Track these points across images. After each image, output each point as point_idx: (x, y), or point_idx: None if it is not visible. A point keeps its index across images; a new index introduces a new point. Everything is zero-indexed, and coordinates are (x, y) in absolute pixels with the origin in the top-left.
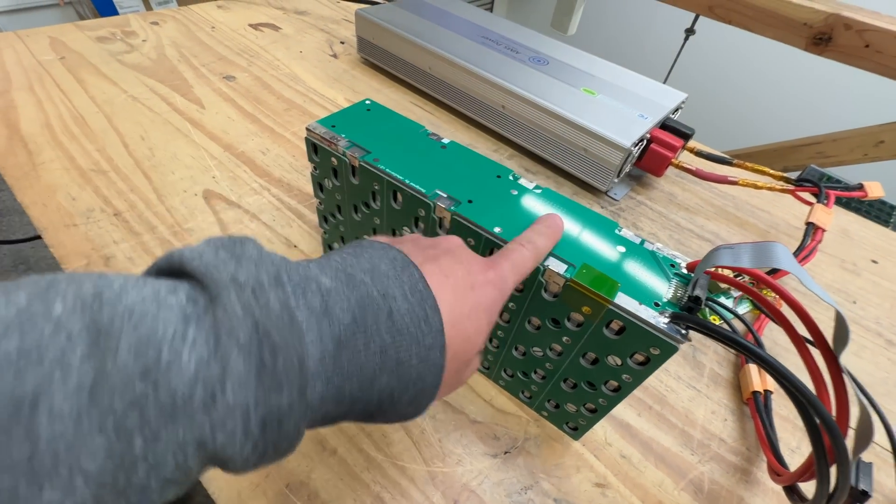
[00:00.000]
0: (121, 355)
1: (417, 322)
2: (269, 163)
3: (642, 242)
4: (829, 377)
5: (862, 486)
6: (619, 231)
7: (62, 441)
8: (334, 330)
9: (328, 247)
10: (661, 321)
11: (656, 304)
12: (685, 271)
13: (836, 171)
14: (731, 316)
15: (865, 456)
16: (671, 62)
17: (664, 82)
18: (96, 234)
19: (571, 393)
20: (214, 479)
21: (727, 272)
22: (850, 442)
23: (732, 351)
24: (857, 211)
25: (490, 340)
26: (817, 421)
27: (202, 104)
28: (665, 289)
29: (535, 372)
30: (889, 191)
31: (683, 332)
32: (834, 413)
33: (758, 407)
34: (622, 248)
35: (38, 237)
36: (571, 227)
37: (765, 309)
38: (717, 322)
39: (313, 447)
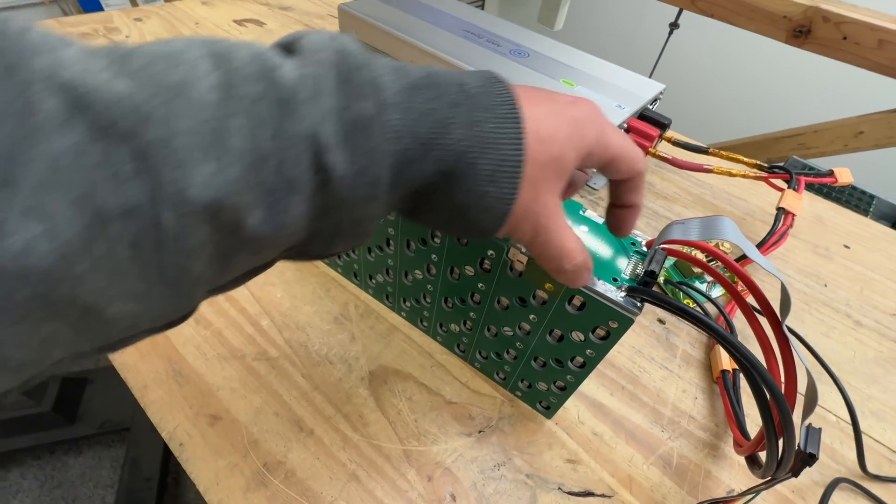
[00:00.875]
0: (240, 63)
1: (489, 96)
2: None
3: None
4: (777, 346)
5: (809, 450)
6: (584, 212)
7: (212, 123)
8: (406, 80)
9: None
10: (619, 295)
11: (614, 280)
12: (645, 249)
13: (817, 162)
14: (704, 299)
15: (834, 433)
16: (657, 57)
17: (650, 76)
18: None
19: (541, 371)
20: (193, 461)
21: (701, 257)
22: (801, 410)
23: (704, 332)
24: (838, 200)
25: (463, 323)
26: (763, 388)
27: None
28: (624, 265)
29: (507, 352)
30: (869, 180)
31: (639, 304)
32: (783, 381)
33: (726, 385)
34: (584, 228)
35: None
36: None
37: (721, 283)
38: (691, 305)
39: (291, 427)
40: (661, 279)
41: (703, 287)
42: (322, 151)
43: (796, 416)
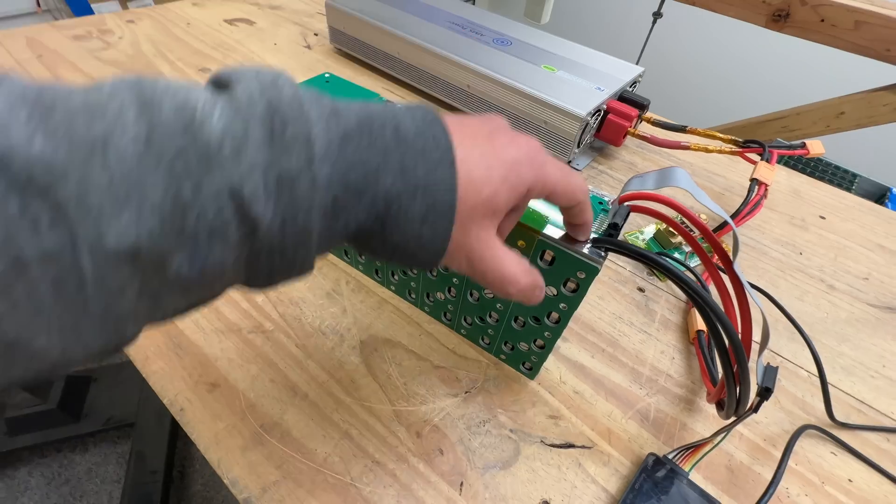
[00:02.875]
0: (165, 114)
1: (424, 139)
2: None
3: None
4: (733, 290)
5: (766, 384)
6: None
7: (131, 176)
8: (340, 127)
9: None
10: (585, 247)
11: None
12: (611, 206)
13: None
14: (683, 269)
15: (805, 387)
16: (641, 46)
17: (636, 64)
18: None
19: (521, 331)
20: (194, 424)
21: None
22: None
23: (682, 298)
24: (822, 179)
25: (448, 290)
26: (718, 326)
27: None
28: None
29: (490, 315)
30: (850, 159)
31: (602, 253)
32: (740, 324)
33: (701, 344)
34: None
35: None
36: None
37: (689, 242)
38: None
39: (286, 392)
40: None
41: (681, 258)
42: (246, 205)
43: (754, 356)
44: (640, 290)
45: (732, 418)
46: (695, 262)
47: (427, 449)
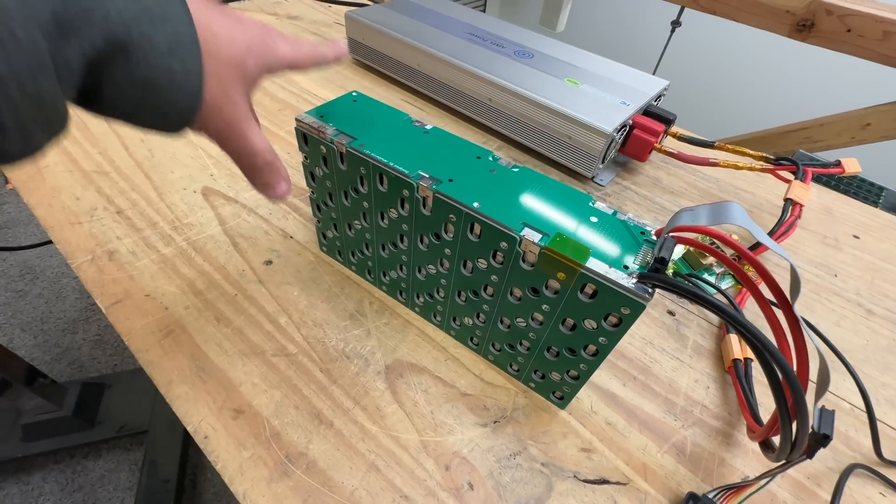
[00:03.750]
0: None
1: None
2: None
3: (615, 213)
4: (789, 330)
5: (823, 431)
6: (593, 203)
7: None
8: None
9: (322, 235)
10: (630, 281)
11: (625, 267)
12: (654, 237)
13: (824, 156)
14: (714, 290)
15: (849, 421)
16: (659, 55)
17: (653, 74)
18: (100, 231)
19: (554, 361)
20: (218, 453)
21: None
22: (813, 395)
23: (714, 323)
24: (846, 192)
25: (477, 315)
26: (777, 371)
27: None
28: (634, 253)
29: (521, 343)
30: (876, 172)
31: (650, 290)
32: (794, 364)
33: (738, 374)
34: (595, 219)
35: (41, 244)
36: (548, 200)
37: (731, 271)
38: None
39: (311, 419)
40: (669, 271)
41: (712, 279)
42: None
43: (809, 398)
44: (671, 313)
45: (782, 461)
46: (726, 284)
47: (457, 483)
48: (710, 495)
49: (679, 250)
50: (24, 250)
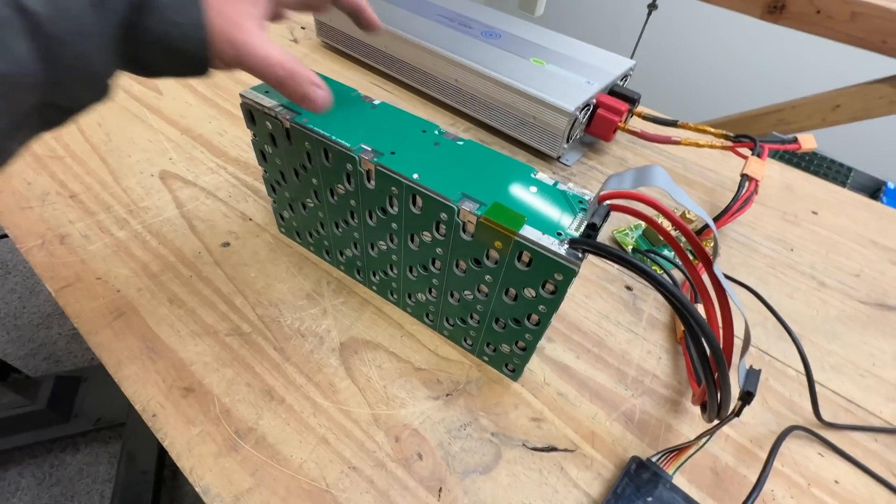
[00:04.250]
0: None
1: None
2: (226, 143)
3: (556, 184)
4: (713, 289)
5: (747, 388)
6: (535, 175)
7: None
8: None
9: (279, 216)
10: (561, 248)
11: (559, 234)
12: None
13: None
14: (671, 266)
15: (793, 386)
16: (637, 38)
17: (631, 57)
18: (51, 215)
19: (502, 333)
20: (166, 430)
21: (667, 226)
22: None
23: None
24: (816, 173)
25: (429, 291)
26: (697, 331)
27: (159, 90)
28: (570, 221)
29: (471, 317)
30: (845, 153)
31: (580, 255)
32: (721, 326)
33: (688, 344)
34: (534, 189)
35: (3, 236)
36: (490, 172)
37: (672, 246)
38: (659, 272)
39: (262, 396)
40: (629, 248)
41: (670, 255)
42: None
43: (736, 358)
44: (628, 288)
45: (715, 422)
46: None
47: (406, 454)
48: (654, 459)
49: (640, 227)
50: None
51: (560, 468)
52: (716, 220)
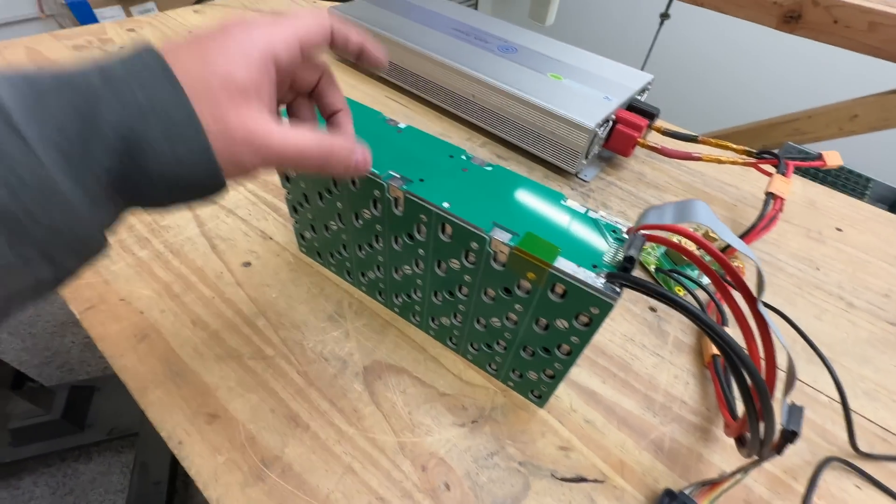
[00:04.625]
0: None
1: (133, 66)
2: None
3: (587, 212)
4: (756, 325)
5: (791, 427)
6: (565, 202)
7: None
8: (33, 88)
9: (300, 236)
10: (598, 281)
11: (594, 266)
12: (625, 235)
13: (813, 147)
14: (695, 286)
15: (826, 413)
16: (648, 48)
17: (642, 68)
18: None
19: (531, 360)
20: (192, 458)
21: (691, 247)
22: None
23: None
24: (834, 185)
25: (454, 315)
26: (740, 367)
27: None
28: (604, 252)
29: (497, 343)
30: (863, 164)
31: (618, 290)
32: (763, 360)
33: (716, 369)
34: (566, 217)
35: None
36: (519, 199)
37: (702, 270)
38: (682, 293)
39: (287, 423)
40: (651, 268)
41: (694, 274)
42: None
43: (778, 393)
44: (652, 309)
45: (754, 458)
46: (707, 280)
47: (433, 484)
48: (687, 491)
49: (662, 247)
50: None
51: (590, 499)
52: (740, 238)
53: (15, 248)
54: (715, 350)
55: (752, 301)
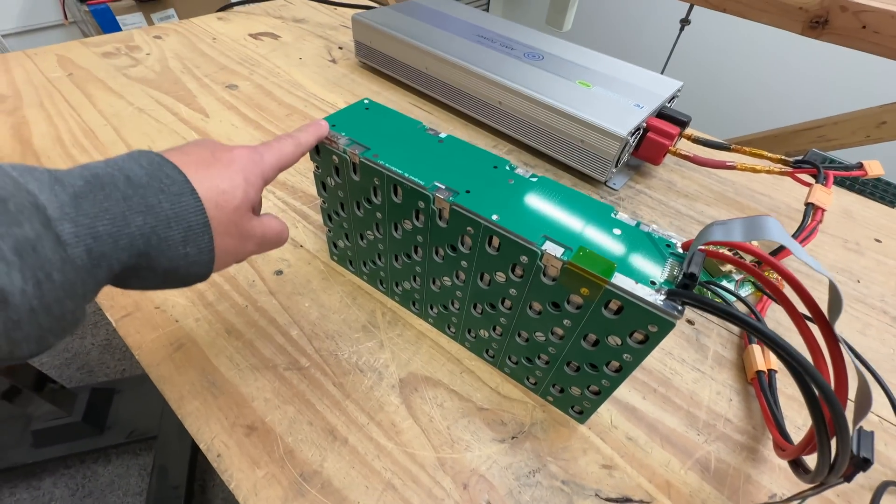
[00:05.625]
0: None
1: (158, 180)
2: None
3: (638, 224)
4: (827, 349)
5: (863, 454)
6: (615, 215)
7: None
8: (67, 191)
9: (332, 244)
10: (658, 298)
11: (652, 283)
12: (680, 250)
13: (838, 154)
14: (734, 298)
15: (878, 434)
16: (668, 53)
17: (661, 73)
18: None
19: (575, 376)
20: (232, 472)
21: (727, 251)
22: (850, 414)
23: (735, 332)
24: (862, 192)
25: (493, 328)
26: (816, 392)
27: (206, 113)
28: (661, 268)
29: (539, 357)
30: (893, 172)
31: (680, 308)
32: (832, 384)
33: (762, 386)
34: (618, 231)
35: None
36: (569, 211)
37: (763, 287)
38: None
39: (325, 436)
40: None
41: (731, 286)
42: None
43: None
44: (689, 322)
45: (818, 483)
46: (745, 292)
47: (475, 502)
48: None
49: None
50: None
51: None
52: (777, 252)
53: (11, 334)
54: (759, 366)
55: (824, 325)
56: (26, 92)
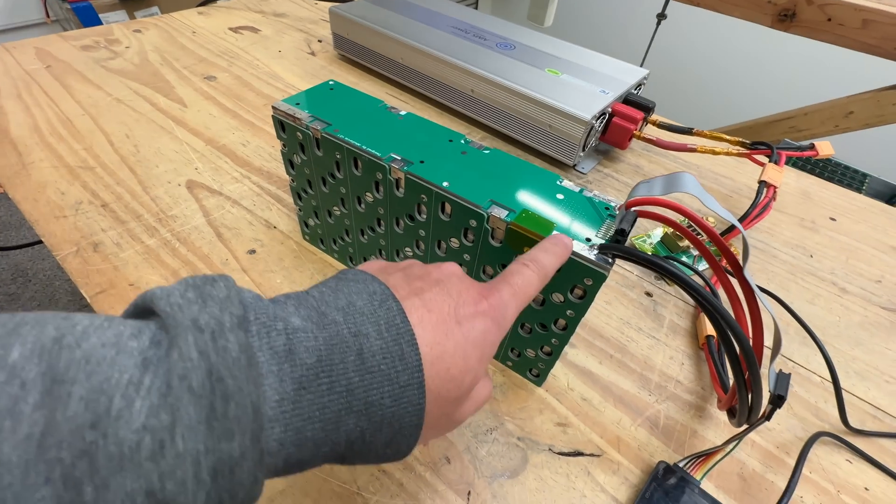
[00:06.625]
0: (72, 404)
1: (392, 360)
2: (249, 154)
3: (581, 191)
4: (743, 295)
5: (778, 392)
6: (561, 182)
7: (10, 491)
8: (296, 372)
9: (304, 224)
10: (591, 253)
11: (588, 240)
12: (618, 212)
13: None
14: (691, 272)
15: (818, 392)
16: (646, 48)
17: (640, 66)
18: (85, 224)
19: (528, 337)
20: None
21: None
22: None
23: (690, 303)
24: (831, 179)
25: None
26: (729, 333)
27: (184, 103)
28: (597, 227)
29: None
30: (860, 159)
31: (610, 260)
32: (750, 331)
33: (710, 349)
34: (561, 196)
35: (31, 244)
36: (517, 179)
37: (697, 247)
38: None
39: None
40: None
41: (689, 261)
42: (168, 501)
43: (764, 369)
44: (648, 294)
45: (744, 426)
46: (703, 266)
47: (433, 457)
48: (681, 464)
49: (658, 234)
50: (15, 252)
51: (587, 473)
52: (732, 228)
53: None
54: (709, 331)
55: (737, 268)
56: (3, 84)
